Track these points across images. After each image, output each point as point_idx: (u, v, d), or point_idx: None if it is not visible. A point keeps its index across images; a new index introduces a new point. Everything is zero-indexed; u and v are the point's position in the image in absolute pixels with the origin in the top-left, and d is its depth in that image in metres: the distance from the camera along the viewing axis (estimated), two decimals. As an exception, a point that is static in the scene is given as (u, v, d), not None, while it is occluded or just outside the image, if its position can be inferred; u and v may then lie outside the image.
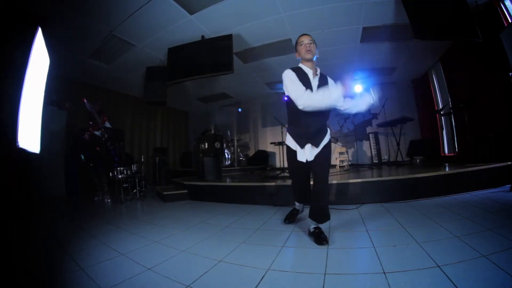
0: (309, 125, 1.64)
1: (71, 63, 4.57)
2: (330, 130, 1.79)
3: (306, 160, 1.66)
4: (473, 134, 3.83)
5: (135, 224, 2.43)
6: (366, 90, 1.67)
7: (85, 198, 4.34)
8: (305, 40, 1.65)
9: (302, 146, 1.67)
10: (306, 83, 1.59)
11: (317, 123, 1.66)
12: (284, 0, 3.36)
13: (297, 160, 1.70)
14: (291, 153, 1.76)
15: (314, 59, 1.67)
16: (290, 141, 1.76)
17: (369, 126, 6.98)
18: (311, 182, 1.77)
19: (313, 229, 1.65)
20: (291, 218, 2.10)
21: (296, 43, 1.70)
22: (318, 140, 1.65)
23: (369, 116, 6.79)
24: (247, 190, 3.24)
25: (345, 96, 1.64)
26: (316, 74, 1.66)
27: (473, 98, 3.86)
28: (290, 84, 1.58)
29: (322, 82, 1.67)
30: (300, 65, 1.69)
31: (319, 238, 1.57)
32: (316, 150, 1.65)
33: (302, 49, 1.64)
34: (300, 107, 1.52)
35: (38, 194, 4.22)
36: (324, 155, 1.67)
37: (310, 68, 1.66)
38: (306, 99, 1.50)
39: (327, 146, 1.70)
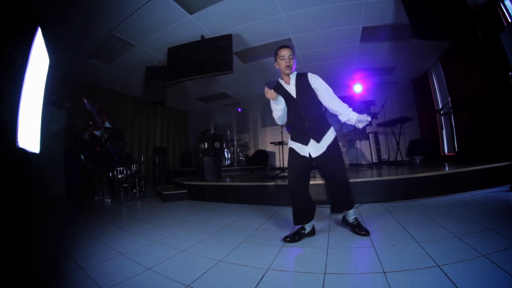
0: (303, 120, 1.69)
1: (71, 63, 4.56)
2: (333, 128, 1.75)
3: (309, 155, 1.66)
4: (473, 134, 3.83)
5: (135, 224, 2.43)
6: (364, 112, 1.71)
7: (85, 198, 4.34)
8: (286, 54, 1.66)
9: (306, 143, 1.68)
10: (285, 94, 1.71)
11: (311, 118, 1.69)
12: (284, 0, 3.36)
13: (299, 157, 1.69)
14: (293, 154, 1.72)
15: (293, 70, 1.73)
16: (292, 144, 1.75)
17: (369, 126, 6.97)
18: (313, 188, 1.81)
19: (353, 220, 1.75)
20: (294, 237, 1.66)
21: (276, 54, 1.71)
22: (319, 135, 1.66)
23: (369, 116, 6.80)
24: (247, 190, 3.24)
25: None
26: (289, 83, 1.73)
27: (473, 98, 3.86)
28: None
29: (300, 83, 1.71)
30: (279, 80, 1.79)
31: (360, 227, 1.69)
32: (320, 147, 1.65)
33: (282, 63, 1.68)
34: (278, 121, 1.79)
35: (38, 194, 4.22)
36: (332, 155, 1.66)
37: (286, 82, 1.75)
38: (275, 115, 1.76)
39: (334, 146, 1.68)
